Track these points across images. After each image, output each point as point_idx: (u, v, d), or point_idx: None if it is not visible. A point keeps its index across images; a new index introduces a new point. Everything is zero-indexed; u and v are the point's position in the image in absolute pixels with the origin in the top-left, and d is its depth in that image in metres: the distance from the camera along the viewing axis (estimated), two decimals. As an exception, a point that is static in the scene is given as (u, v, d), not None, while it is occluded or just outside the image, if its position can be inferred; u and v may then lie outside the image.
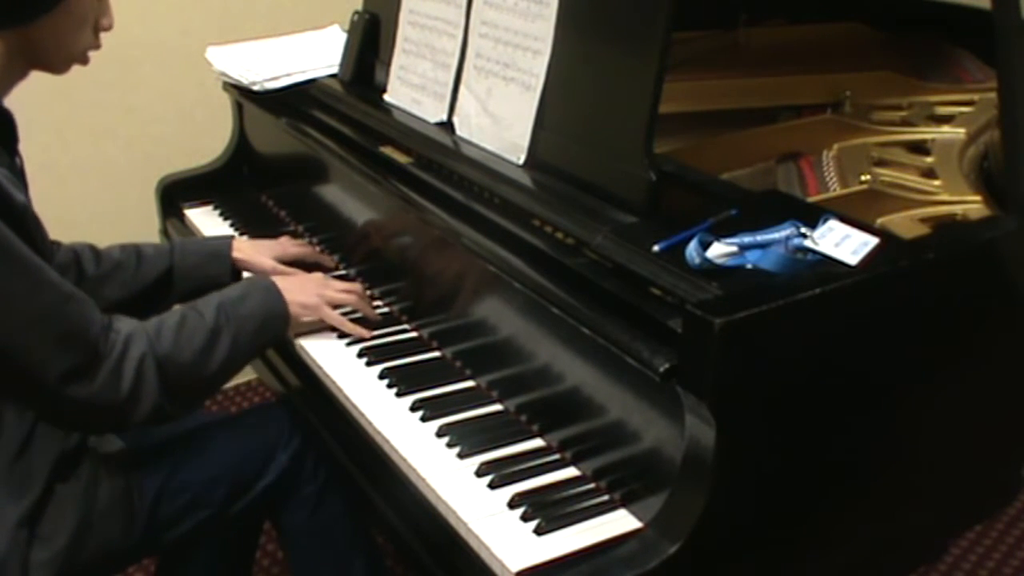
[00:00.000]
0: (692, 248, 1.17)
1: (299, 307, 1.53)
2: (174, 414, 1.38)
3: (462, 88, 1.64)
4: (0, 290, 1.21)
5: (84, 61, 1.40)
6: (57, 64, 1.38)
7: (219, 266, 1.76)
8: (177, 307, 1.45)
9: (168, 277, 1.72)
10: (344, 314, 1.61)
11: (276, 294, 1.50)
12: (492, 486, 1.27)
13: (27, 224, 1.28)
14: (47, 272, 1.25)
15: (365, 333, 1.59)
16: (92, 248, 1.69)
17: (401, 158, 1.67)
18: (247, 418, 1.70)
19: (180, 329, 1.37)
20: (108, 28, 1.41)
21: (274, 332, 1.50)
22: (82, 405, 1.28)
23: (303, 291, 1.56)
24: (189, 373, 1.37)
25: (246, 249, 1.78)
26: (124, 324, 1.34)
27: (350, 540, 1.63)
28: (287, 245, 1.84)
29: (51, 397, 1.27)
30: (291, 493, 1.60)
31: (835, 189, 1.54)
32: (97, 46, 1.41)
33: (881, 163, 1.62)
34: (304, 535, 1.62)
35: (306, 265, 1.84)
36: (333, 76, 1.96)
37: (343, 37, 1.99)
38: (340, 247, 1.88)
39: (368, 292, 1.76)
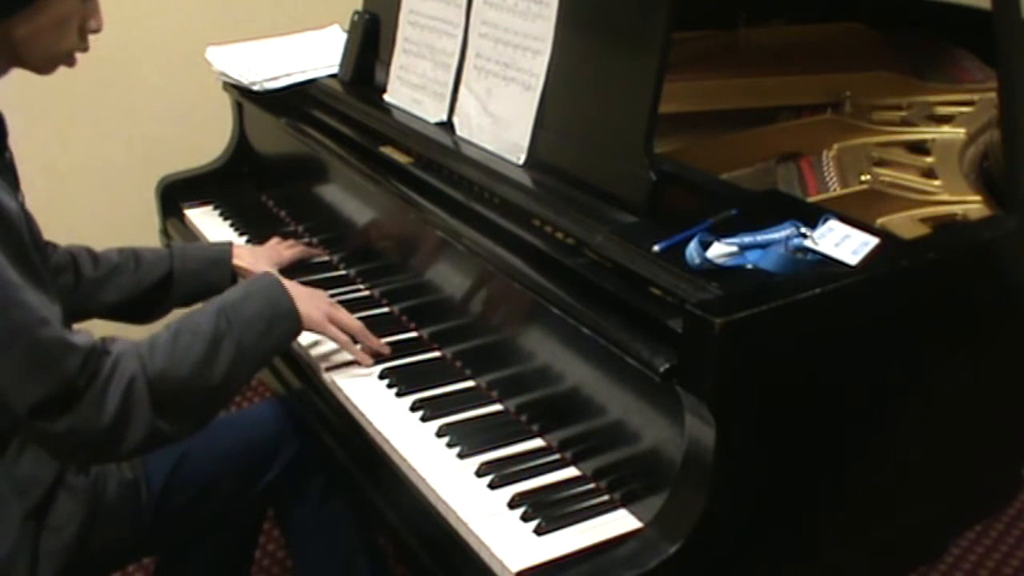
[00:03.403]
0: (692, 248, 1.17)
1: (304, 315, 1.44)
2: (178, 435, 1.30)
3: (462, 88, 1.64)
4: None
5: (69, 63, 1.35)
6: (38, 64, 1.33)
7: (219, 272, 1.76)
8: (176, 317, 1.36)
9: (167, 282, 1.71)
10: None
11: (281, 292, 1.42)
12: (492, 486, 1.27)
13: (15, 231, 1.21)
14: (24, 293, 1.18)
15: (367, 360, 1.51)
16: (89, 251, 1.68)
17: (401, 158, 1.67)
18: (252, 414, 1.70)
19: (175, 341, 1.29)
20: (96, 30, 1.36)
21: (283, 332, 1.41)
22: (60, 438, 1.23)
23: (310, 301, 1.47)
24: (189, 389, 1.29)
25: (246, 257, 1.78)
26: (116, 346, 1.27)
27: (354, 536, 1.63)
28: (280, 250, 1.84)
29: (26, 428, 1.23)
30: (295, 489, 1.60)
31: (835, 189, 1.54)
32: (84, 48, 1.35)
33: (881, 163, 1.62)
34: (309, 531, 1.62)
35: (303, 264, 1.85)
36: (333, 76, 1.96)
37: (343, 37, 1.99)
38: (340, 247, 1.88)
39: (368, 292, 1.76)
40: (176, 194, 2.19)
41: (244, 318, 1.36)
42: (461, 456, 1.33)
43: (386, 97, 1.82)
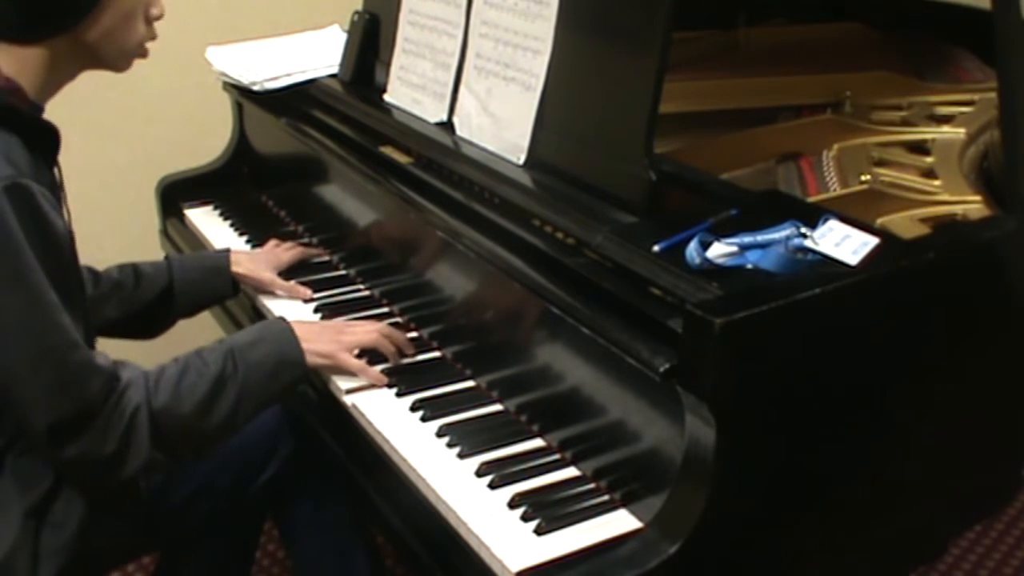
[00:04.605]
0: (692, 248, 1.17)
1: (315, 355, 1.44)
2: (173, 465, 1.34)
3: (462, 88, 1.64)
4: (7, 319, 1.19)
5: (143, 54, 1.38)
6: (115, 61, 1.36)
7: (219, 280, 1.76)
8: (184, 353, 1.36)
9: (168, 294, 1.71)
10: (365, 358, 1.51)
11: (291, 339, 1.42)
12: (492, 486, 1.27)
13: (64, 253, 1.25)
14: (61, 315, 1.21)
15: (383, 380, 1.48)
16: (91, 269, 1.68)
17: (401, 158, 1.67)
18: None
19: (182, 378, 1.32)
20: (159, 17, 1.38)
21: (288, 380, 1.42)
22: (67, 462, 1.26)
23: (320, 338, 1.46)
24: (189, 426, 1.31)
25: (245, 263, 1.78)
26: (126, 372, 1.29)
27: (353, 535, 1.63)
28: (279, 254, 1.83)
29: (39, 444, 1.26)
30: (293, 487, 1.60)
31: (835, 189, 1.54)
32: (153, 36, 1.38)
33: (881, 163, 1.62)
34: (307, 530, 1.62)
35: (303, 265, 1.85)
36: (333, 76, 1.96)
37: (343, 37, 1.99)
38: (340, 247, 1.88)
39: (368, 292, 1.76)
40: (176, 194, 2.20)
41: (250, 362, 1.37)
42: (461, 456, 1.33)
43: (386, 97, 1.82)
